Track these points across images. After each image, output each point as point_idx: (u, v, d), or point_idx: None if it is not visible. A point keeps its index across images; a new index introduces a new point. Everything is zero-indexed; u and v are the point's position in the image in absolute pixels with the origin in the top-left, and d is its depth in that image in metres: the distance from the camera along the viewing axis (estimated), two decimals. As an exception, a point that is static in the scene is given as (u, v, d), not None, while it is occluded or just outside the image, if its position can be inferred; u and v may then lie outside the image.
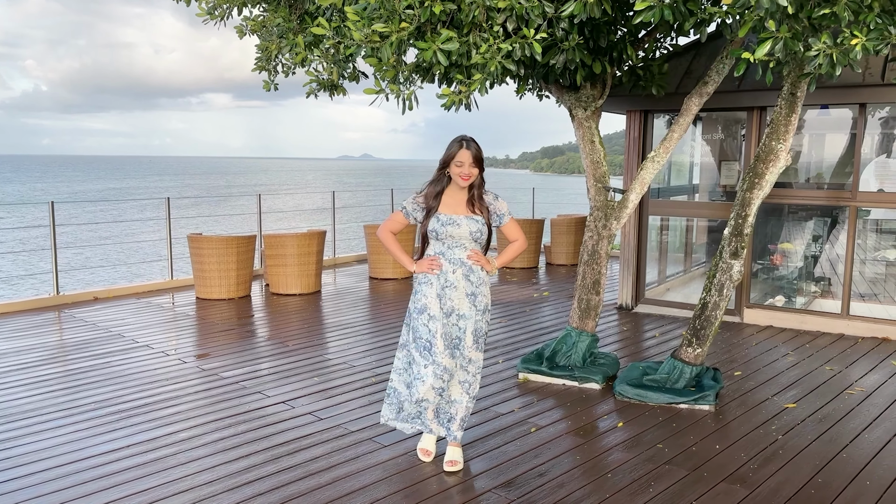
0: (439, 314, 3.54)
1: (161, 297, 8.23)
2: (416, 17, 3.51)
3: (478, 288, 3.60)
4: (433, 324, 3.53)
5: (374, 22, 3.57)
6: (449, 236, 3.55)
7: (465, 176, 3.50)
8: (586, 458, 3.85)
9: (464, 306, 3.57)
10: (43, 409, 4.57)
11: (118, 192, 69.54)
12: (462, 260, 3.58)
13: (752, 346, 6.18)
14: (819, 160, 7.37)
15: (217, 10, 4.77)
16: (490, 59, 3.51)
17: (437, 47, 3.51)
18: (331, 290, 8.79)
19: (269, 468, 3.70)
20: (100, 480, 3.56)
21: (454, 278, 3.56)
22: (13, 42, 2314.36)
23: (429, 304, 3.55)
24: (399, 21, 3.52)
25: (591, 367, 5.17)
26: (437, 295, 3.55)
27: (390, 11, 3.49)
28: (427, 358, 3.52)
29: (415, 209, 3.64)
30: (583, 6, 3.48)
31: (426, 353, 3.53)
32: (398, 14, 3.50)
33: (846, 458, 3.85)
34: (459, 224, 3.54)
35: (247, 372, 5.38)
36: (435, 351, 3.50)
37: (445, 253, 3.59)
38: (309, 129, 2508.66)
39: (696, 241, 8.86)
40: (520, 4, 3.54)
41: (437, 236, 3.57)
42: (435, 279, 3.57)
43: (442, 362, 3.50)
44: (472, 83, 3.58)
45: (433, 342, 3.51)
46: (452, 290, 3.55)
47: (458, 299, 3.57)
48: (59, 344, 6.16)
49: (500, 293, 8.54)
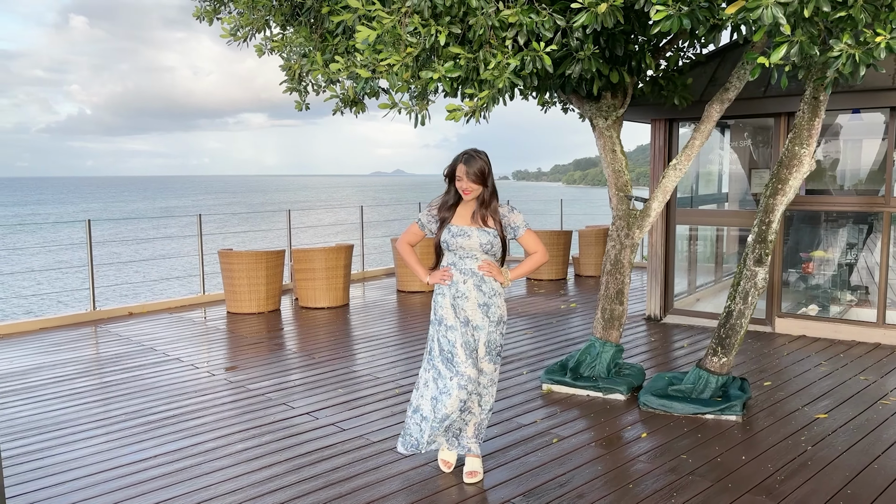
0: (456, 323, 3.54)
1: (193, 312, 8.40)
2: (423, 41, 3.57)
3: (490, 299, 3.60)
4: (451, 334, 3.54)
5: (381, 51, 3.64)
6: (459, 247, 3.56)
7: (466, 190, 3.52)
8: (608, 468, 3.81)
9: (476, 317, 3.57)
10: (76, 420, 4.70)
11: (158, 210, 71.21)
12: (473, 270, 3.58)
13: (784, 355, 6.05)
14: (854, 166, 7.22)
15: (240, 31, 4.90)
16: (498, 77, 3.54)
17: (442, 73, 3.57)
18: (359, 303, 8.87)
19: (290, 478, 3.75)
20: (128, 489, 3.65)
21: (465, 289, 3.57)
22: (59, 68, 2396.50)
23: (445, 315, 3.57)
24: (405, 47, 3.58)
25: (615, 377, 5.12)
26: (451, 305, 3.57)
27: (396, 37, 3.56)
28: (451, 370, 3.51)
29: (429, 221, 3.68)
30: (594, 17, 3.50)
31: (450, 364, 3.52)
32: (403, 41, 3.57)
33: (877, 469, 3.74)
34: (470, 235, 3.55)
35: (273, 384, 5.46)
36: (458, 362, 3.50)
37: (457, 263, 3.60)
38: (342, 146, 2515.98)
39: (726, 251, 8.73)
40: (530, 19, 3.57)
41: (447, 247, 3.60)
42: (447, 290, 3.59)
43: (465, 372, 3.48)
44: (481, 100, 3.61)
45: (454, 352, 3.51)
46: (464, 301, 3.56)
47: (470, 310, 3.57)
48: (94, 357, 6.33)
49: (527, 304, 8.51)
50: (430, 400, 3.59)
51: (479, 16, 3.58)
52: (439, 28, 3.62)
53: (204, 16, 5.27)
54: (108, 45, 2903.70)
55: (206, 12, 5.25)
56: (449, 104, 3.75)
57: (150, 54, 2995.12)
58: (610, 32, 4.49)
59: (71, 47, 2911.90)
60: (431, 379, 3.62)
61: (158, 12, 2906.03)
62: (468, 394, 3.50)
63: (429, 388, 3.62)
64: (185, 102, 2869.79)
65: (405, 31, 3.56)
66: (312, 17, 4.93)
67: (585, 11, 3.50)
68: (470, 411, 3.67)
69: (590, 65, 4.15)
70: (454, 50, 3.68)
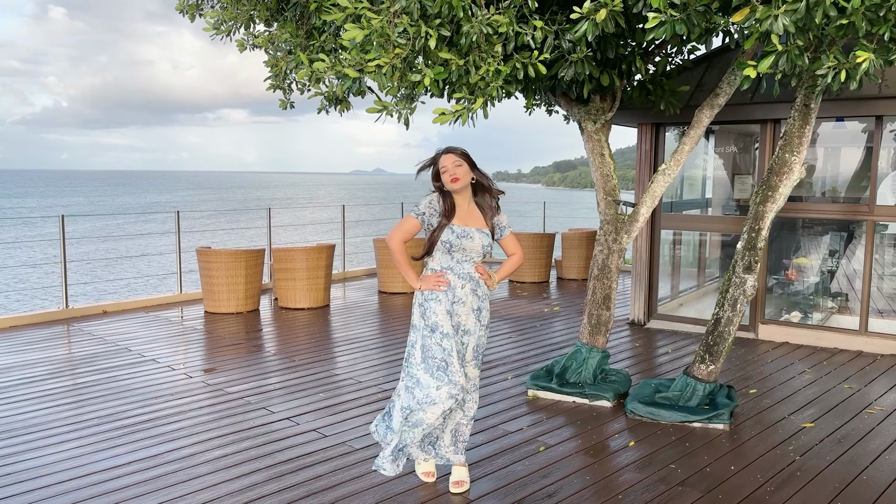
0: (452, 331, 3.39)
1: (169, 311, 8.21)
2: (412, 42, 3.48)
3: (483, 303, 3.52)
4: (447, 342, 3.36)
5: (369, 51, 3.55)
6: (462, 249, 3.43)
7: (455, 177, 3.36)
8: (597, 478, 3.75)
9: (469, 322, 3.48)
10: (47, 423, 4.53)
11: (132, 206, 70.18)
12: (470, 275, 3.47)
13: (768, 363, 6.04)
14: (835, 174, 7.26)
15: (223, 26, 4.76)
16: (491, 84, 3.47)
17: (431, 77, 3.49)
18: (340, 304, 8.74)
19: (271, 486, 3.63)
20: (101, 497, 3.50)
21: (462, 294, 3.45)
22: (36, 59, 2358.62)
23: (440, 321, 3.39)
24: (393, 48, 3.49)
25: (601, 384, 5.07)
26: (447, 311, 3.41)
27: (385, 38, 3.46)
28: (441, 379, 3.32)
29: (431, 214, 3.44)
30: (594, 25, 3.44)
31: (440, 373, 3.32)
32: (392, 42, 3.47)
33: (866, 481, 3.72)
34: (472, 237, 3.43)
35: (252, 387, 5.32)
36: (451, 370, 3.32)
37: (454, 267, 3.46)
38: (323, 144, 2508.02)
39: (709, 256, 8.74)
40: (521, 30, 3.50)
41: (450, 248, 3.42)
42: (443, 296, 3.42)
43: (459, 381, 3.31)
44: (475, 105, 3.53)
45: (449, 361, 3.34)
46: (460, 306, 3.45)
47: (464, 315, 3.46)
48: (67, 358, 6.14)
49: (510, 308, 8.45)
50: (401, 410, 3.40)
51: (472, 21, 3.50)
52: (429, 30, 3.54)
53: (187, 10, 5.12)
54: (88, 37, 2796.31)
55: (190, 7, 5.09)
56: (437, 108, 3.67)
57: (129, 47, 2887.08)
58: (603, 35, 4.43)
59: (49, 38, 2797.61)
60: (404, 388, 3.41)
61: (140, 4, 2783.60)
62: (456, 402, 3.38)
63: (400, 397, 3.44)
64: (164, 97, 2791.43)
65: (394, 31, 3.46)
66: (298, 13, 4.81)
67: (586, 20, 3.43)
68: (451, 418, 3.57)
69: (582, 68, 4.09)
70: (443, 55, 3.59)
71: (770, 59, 3.37)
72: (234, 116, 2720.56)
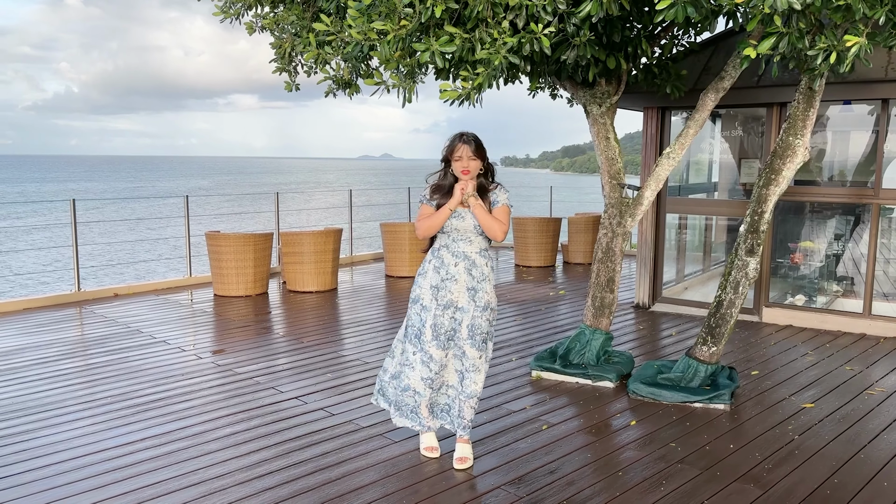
0: (431, 305, 3.59)
1: (179, 294, 8.32)
2: (418, 15, 3.50)
3: (479, 284, 3.62)
4: (424, 314, 3.61)
5: (374, 19, 3.57)
6: (454, 229, 3.60)
7: (466, 169, 3.53)
8: (598, 455, 3.82)
9: (462, 299, 3.60)
10: (61, 402, 4.64)
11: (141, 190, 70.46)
12: (465, 254, 3.61)
13: (771, 345, 6.09)
14: (842, 157, 7.24)
15: (232, 9, 4.80)
16: (494, 54, 3.48)
17: (436, 48, 3.50)
18: (347, 287, 8.82)
19: (279, 462, 3.72)
20: (113, 473, 3.61)
21: (455, 271, 3.60)
22: (48, 45, 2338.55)
23: (422, 294, 3.63)
24: (399, 19, 3.51)
25: (604, 365, 5.13)
26: (434, 286, 3.60)
27: (390, 9, 3.49)
28: (416, 345, 3.62)
29: (434, 195, 3.65)
30: (599, 5, 3.45)
31: (416, 340, 3.63)
32: (398, 12, 3.49)
33: (863, 459, 3.77)
34: (464, 217, 3.59)
35: (261, 368, 5.42)
36: (424, 339, 3.59)
37: (450, 245, 3.63)
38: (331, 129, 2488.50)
39: (715, 240, 8.76)
40: (531, 2, 3.51)
41: (442, 229, 3.61)
42: (432, 272, 3.62)
43: (429, 351, 3.58)
44: (477, 79, 3.56)
45: (423, 331, 3.60)
46: (452, 283, 3.60)
47: (457, 292, 3.60)
48: (79, 339, 6.26)
49: (516, 291, 8.51)
50: (391, 375, 3.79)
51: None
52: (435, 1, 3.54)
53: (195, -8, 5.15)
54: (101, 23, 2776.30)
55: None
56: (443, 83, 3.70)
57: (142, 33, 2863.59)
58: (608, 18, 4.44)
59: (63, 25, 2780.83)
60: (399, 352, 3.77)
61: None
62: (430, 373, 3.58)
63: (395, 358, 3.79)
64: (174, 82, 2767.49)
65: (401, 1, 3.47)
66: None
67: (590, 1, 3.45)
68: (452, 387, 3.71)
69: (585, 51, 4.10)
70: (449, 29, 3.61)
71: (770, 40, 3.38)
72: (244, 102, 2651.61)
